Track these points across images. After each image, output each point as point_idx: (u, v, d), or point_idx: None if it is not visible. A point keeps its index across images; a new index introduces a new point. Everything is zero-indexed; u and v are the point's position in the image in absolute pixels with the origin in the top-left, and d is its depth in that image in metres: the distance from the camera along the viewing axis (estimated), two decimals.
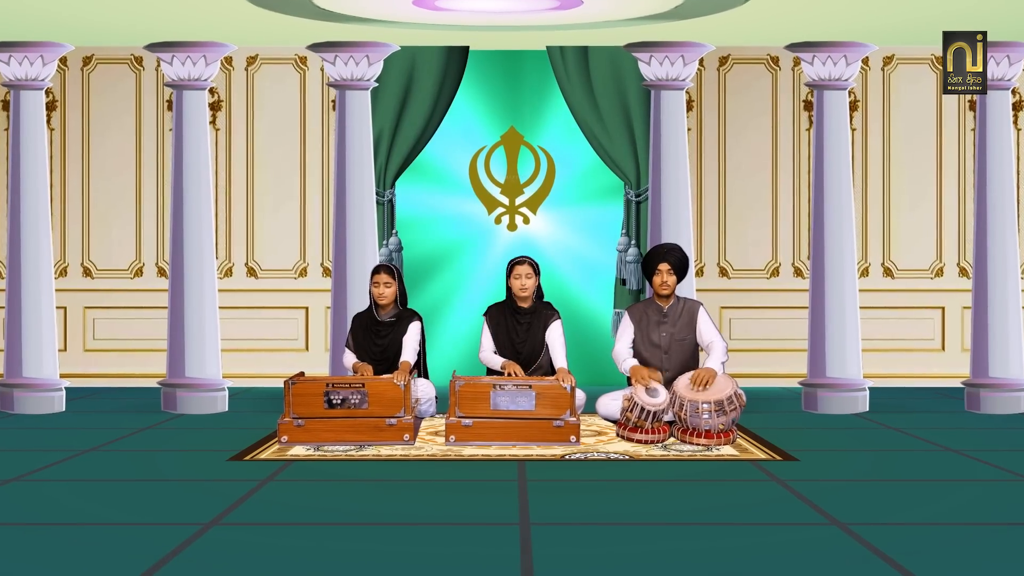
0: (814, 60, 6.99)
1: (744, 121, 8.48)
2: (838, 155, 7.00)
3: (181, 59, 6.95)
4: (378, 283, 6.37)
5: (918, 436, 6.10)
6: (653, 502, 4.48)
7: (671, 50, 7.02)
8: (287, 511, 4.28)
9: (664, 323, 6.27)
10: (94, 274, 8.48)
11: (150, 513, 4.23)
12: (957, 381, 7.77)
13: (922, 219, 8.50)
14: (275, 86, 8.47)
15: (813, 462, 5.32)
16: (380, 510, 4.30)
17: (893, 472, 5.16)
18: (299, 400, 5.76)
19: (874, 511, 4.25)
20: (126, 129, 8.45)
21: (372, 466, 5.24)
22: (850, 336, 7.00)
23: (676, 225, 7.06)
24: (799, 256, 8.49)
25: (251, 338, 8.37)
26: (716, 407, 5.71)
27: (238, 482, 4.78)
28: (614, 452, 5.57)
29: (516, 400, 5.74)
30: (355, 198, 7.08)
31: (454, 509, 4.30)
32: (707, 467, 5.23)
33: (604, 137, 7.61)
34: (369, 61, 7.03)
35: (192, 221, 6.99)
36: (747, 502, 4.46)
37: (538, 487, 4.69)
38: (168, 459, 5.47)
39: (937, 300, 8.50)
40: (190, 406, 6.95)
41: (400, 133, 7.60)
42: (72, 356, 8.38)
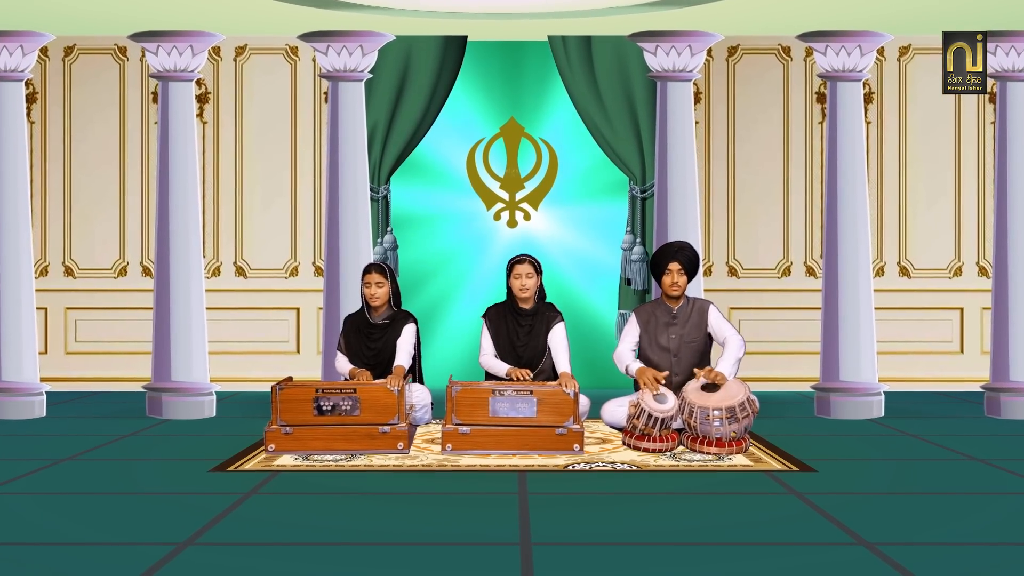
0: (827, 50, 6.90)
1: (754, 114, 8.42)
2: (852, 149, 6.91)
3: (167, 49, 6.88)
4: (369, 283, 6.23)
5: (939, 444, 5.99)
6: (663, 519, 4.31)
7: (678, 40, 6.94)
8: (269, 528, 4.11)
9: (673, 325, 6.10)
10: (76, 273, 8.43)
11: (121, 531, 4.07)
12: (976, 385, 7.77)
13: (940, 216, 8.47)
14: (265, 77, 8.42)
15: (831, 473, 5.17)
16: (370, 527, 4.15)
17: (918, 484, 5.01)
18: (287, 406, 5.62)
19: (902, 528, 4.09)
20: (109, 122, 8.40)
21: (363, 477, 5.10)
22: (865, 338, 6.89)
23: (683, 222, 6.99)
24: (812, 255, 8.42)
25: (240, 340, 8.33)
26: (728, 414, 5.57)
27: (219, 495, 4.64)
28: (620, 462, 5.43)
29: (516, 406, 5.60)
30: (348, 194, 7.00)
31: (449, 527, 4.15)
32: (719, 479, 5.08)
33: (608, 131, 7.55)
34: (363, 51, 6.96)
35: (178, 218, 6.90)
36: (765, 518, 4.29)
37: (540, 501, 4.56)
38: (147, 469, 5.32)
39: (955, 300, 8.45)
40: (176, 411, 6.87)
41: (395, 127, 7.55)
42: (53, 359, 8.35)
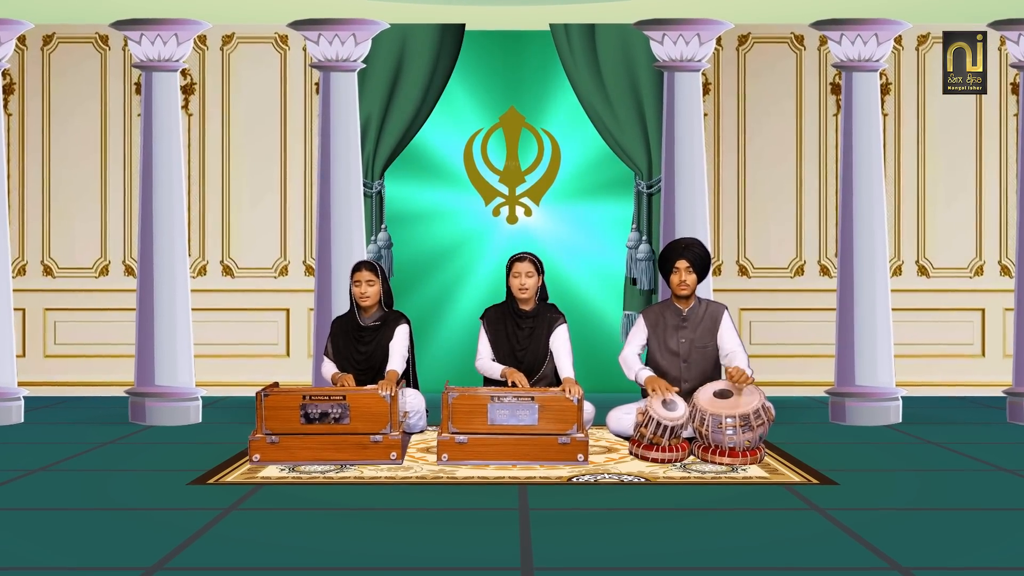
0: (842, 39, 6.76)
1: (766, 106, 8.26)
2: (868, 143, 6.76)
3: (150, 38, 6.75)
4: (359, 281, 6.03)
5: (963, 453, 5.72)
6: (675, 539, 4.00)
7: (686, 28, 6.80)
8: (249, 549, 3.81)
9: (683, 328, 5.83)
10: (55, 273, 8.29)
11: (85, 553, 3.78)
12: (998, 390, 7.67)
13: (960, 212, 8.32)
14: (253, 67, 8.27)
15: (853, 485, 4.88)
16: (357, 549, 3.85)
17: (947, 498, 4.70)
18: (273, 414, 5.37)
19: (938, 550, 3.79)
20: (90, 114, 8.24)
21: (353, 491, 4.82)
22: (881, 341, 6.73)
23: (691, 219, 6.87)
24: (826, 253, 8.25)
25: (227, 343, 8.19)
26: (741, 422, 5.30)
27: (196, 511, 4.35)
28: (627, 474, 5.14)
29: (517, 414, 5.36)
30: (340, 190, 6.88)
31: (444, 549, 3.86)
32: (734, 492, 4.78)
33: (613, 124, 7.44)
34: (356, 40, 6.84)
35: (163, 215, 6.78)
36: (786, 537, 3.99)
37: (542, 518, 4.26)
38: (123, 482, 5.03)
39: (977, 301, 8.28)
40: (160, 417, 6.71)
41: (389, 119, 7.48)
42: (32, 362, 8.22)
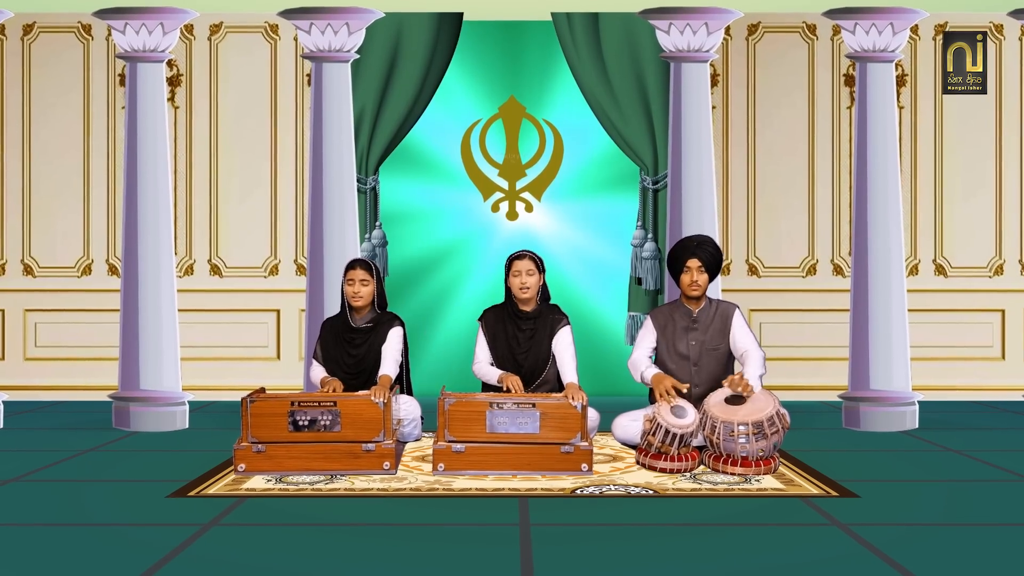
0: (856, 28, 6.63)
1: (776, 98, 8.09)
2: (884, 137, 6.63)
3: (135, 27, 6.63)
4: (353, 280, 5.82)
5: (987, 461, 5.48)
6: (686, 558, 3.75)
7: (693, 17, 6.70)
8: (226, 571, 3.57)
9: (694, 330, 5.61)
10: (36, 272, 8.14)
11: (54, 573, 3.56)
12: (1019, 394, 7.60)
13: (980, 209, 8.11)
14: (242, 58, 8.10)
15: (875, 498, 4.64)
16: (346, 570, 3.61)
17: (976, 512, 4.45)
18: (259, 421, 5.14)
19: (974, 572, 3.54)
20: (73, 107, 8.09)
21: (343, 504, 4.58)
22: (897, 343, 6.59)
23: (699, 216, 6.76)
24: (839, 252, 8.08)
25: (215, 345, 8.01)
26: (755, 429, 5.07)
27: (175, 527, 4.11)
28: (634, 485, 4.90)
29: (517, 421, 5.14)
30: (333, 186, 6.75)
31: (439, 569, 3.63)
32: (748, 506, 4.54)
33: (617, 117, 7.28)
34: (349, 29, 6.72)
35: (148, 212, 6.65)
36: (808, 558, 3.73)
37: (543, 535, 4.03)
38: (100, 493, 4.80)
39: (996, 301, 8.09)
40: (145, 423, 6.56)
41: (384, 112, 7.31)
42: (11, 365, 8.08)
